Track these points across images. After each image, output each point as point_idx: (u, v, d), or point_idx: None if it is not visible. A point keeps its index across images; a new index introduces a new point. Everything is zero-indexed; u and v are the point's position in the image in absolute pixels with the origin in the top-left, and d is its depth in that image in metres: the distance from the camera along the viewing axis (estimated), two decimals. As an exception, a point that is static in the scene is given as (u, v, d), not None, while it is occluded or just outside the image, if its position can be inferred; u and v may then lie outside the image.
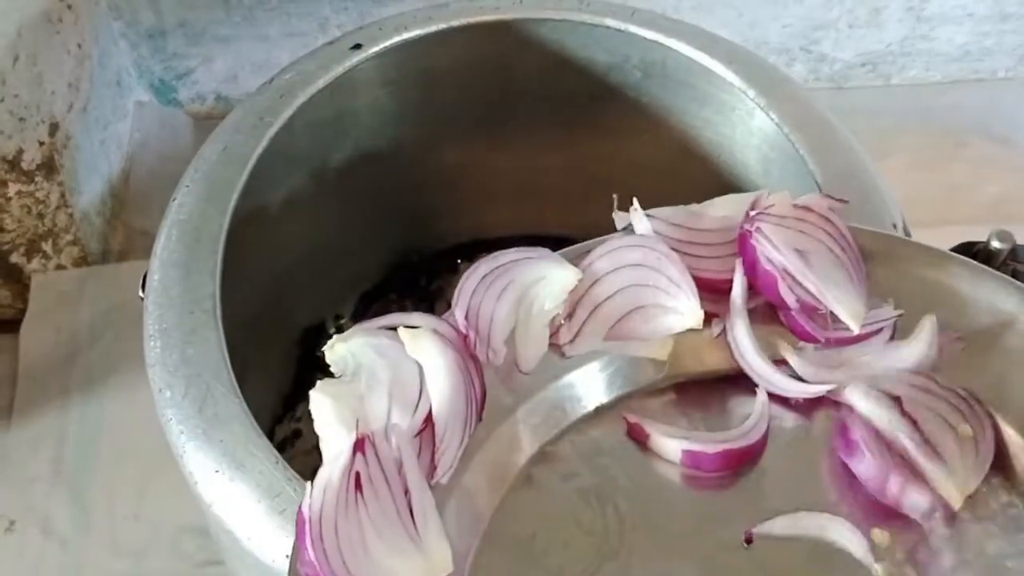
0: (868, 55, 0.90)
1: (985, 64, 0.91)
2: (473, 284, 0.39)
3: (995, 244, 0.45)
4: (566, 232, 0.70)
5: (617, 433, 0.39)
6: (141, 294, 0.48)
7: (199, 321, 0.46)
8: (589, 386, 0.40)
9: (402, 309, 0.70)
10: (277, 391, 0.64)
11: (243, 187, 0.50)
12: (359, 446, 0.35)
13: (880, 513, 0.37)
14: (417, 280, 0.70)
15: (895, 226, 0.49)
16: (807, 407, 0.39)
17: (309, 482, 0.34)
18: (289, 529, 0.41)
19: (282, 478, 0.42)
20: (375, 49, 0.55)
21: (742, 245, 0.40)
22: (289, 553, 0.41)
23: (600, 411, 0.40)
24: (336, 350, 0.37)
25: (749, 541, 0.36)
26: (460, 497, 0.36)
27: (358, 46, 0.55)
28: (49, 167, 0.75)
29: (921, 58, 0.90)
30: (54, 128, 0.74)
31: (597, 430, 0.39)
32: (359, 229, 0.64)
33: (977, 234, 0.49)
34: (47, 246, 0.78)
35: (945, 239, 0.51)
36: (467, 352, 0.37)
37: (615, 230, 0.67)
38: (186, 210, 0.49)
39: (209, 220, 0.49)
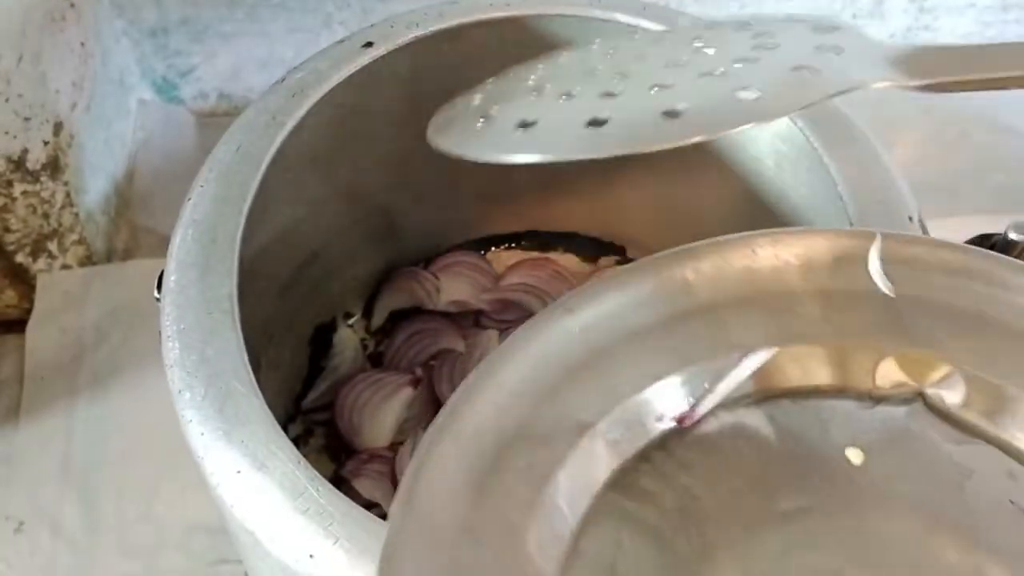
0: (872, 46, 0.90)
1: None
2: None
3: (1013, 235, 0.45)
4: (579, 228, 0.70)
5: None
6: (157, 295, 0.48)
7: (217, 321, 0.46)
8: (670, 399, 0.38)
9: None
10: (289, 389, 0.64)
11: (258, 186, 0.50)
12: None
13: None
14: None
15: (911, 219, 0.49)
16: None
17: None
18: (312, 529, 0.41)
19: (304, 478, 0.42)
20: (387, 47, 0.55)
21: None
22: (312, 553, 0.41)
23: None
24: None
25: None
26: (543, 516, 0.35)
27: (369, 44, 0.55)
28: (54, 166, 0.74)
29: (925, 49, 0.90)
30: (58, 127, 0.74)
31: (680, 447, 0.37)
32: (370, 226, 0.64)
33: (984, 224, 0.49)
34: (52, 246, 0.78)
35: (952, 230, 0.51)
36: None
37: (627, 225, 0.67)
38: (201, 210, 0.49)
39: (225, 220, 0.48)
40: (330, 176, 0.58)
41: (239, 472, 0.43)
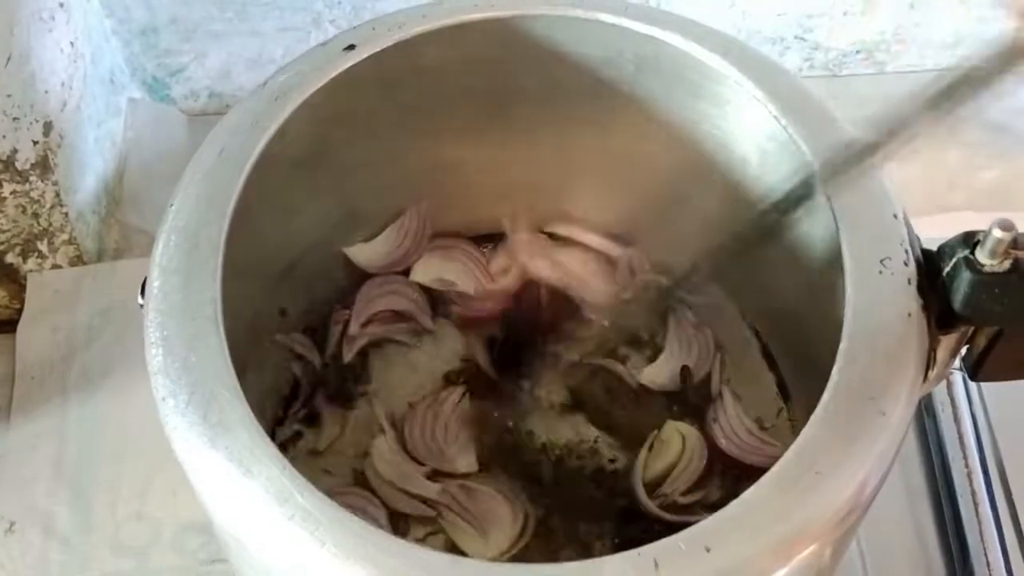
0: (862, 43, 0.90)
1: (979, 51, 0.91)
2: None
3: (997, 233, 0.44)
4: (564, 227, 0.70)
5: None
6: (140, 301, 0.48)
7: (201, 327, 0.46)
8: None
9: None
10: (276, 393, 0.64)
11: (241, 190, 0.50)
12: None
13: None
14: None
15: (896, 216, 0.49)
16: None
17: None
18: (299, 535, 0.41)
19: (290, 484, 0.42)
20: (369, 49, 0.55)
21: None
22: (299, 558, 0.41)
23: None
24: None
25: None
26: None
27: (352, 47, 0.55)
28: (43, 166, 0.74)
29: (915, 45, 0.90)
30: (48, 127, 0.74)
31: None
32: (356, 228, 0.64)
33: (974, 221, 0.49)
34: (43, 246, 0.78)
35: (942, 227, 0.51)
36: None
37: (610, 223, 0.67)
38: (184, 215, 0.49)
39: (208, 224, 0.48)
40: (313, 179, 0.58)
41: (224, 479, 0.43)
